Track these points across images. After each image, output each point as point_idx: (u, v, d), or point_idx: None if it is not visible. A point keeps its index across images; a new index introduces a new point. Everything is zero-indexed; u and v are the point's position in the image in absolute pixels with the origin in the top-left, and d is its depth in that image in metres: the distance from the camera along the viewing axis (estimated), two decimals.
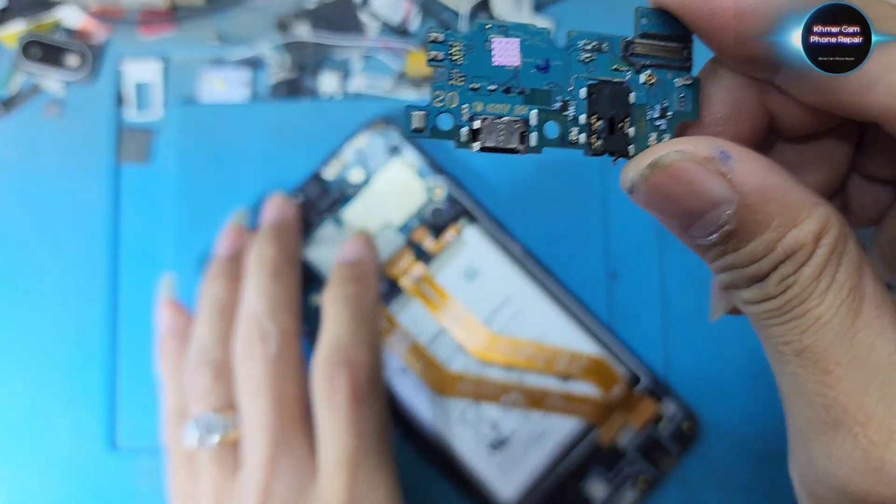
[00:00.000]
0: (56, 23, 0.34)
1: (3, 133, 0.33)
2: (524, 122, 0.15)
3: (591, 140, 0.16)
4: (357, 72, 0.34)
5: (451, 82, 0.15)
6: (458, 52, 0.15)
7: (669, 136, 0.16)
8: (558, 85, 0.15)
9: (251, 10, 0.34)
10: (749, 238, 0.14)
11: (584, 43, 0.16)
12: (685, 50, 0.16)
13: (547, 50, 0.15)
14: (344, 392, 0.26)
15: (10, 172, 0.33)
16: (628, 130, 0.16)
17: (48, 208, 0.33)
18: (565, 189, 0.34)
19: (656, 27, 0.16)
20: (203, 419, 0.27)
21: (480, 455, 0.31)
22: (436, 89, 0.15)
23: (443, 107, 0.15)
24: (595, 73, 0.15)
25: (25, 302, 0.32)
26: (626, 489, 0.32)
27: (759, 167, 0.14)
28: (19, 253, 0.33)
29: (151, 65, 0.34)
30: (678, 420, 0.32)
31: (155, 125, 0.34)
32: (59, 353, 0.32)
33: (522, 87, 0.15)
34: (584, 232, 0.33)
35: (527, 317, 0.32)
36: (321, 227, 0.33)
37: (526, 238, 0.33)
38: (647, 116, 0.16)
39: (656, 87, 0.16)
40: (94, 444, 0.31)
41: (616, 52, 0.16)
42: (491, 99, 0.15)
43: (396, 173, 0.33)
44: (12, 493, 0.31)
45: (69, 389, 0.32)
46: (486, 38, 0.15)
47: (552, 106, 0.15)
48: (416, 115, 0.15)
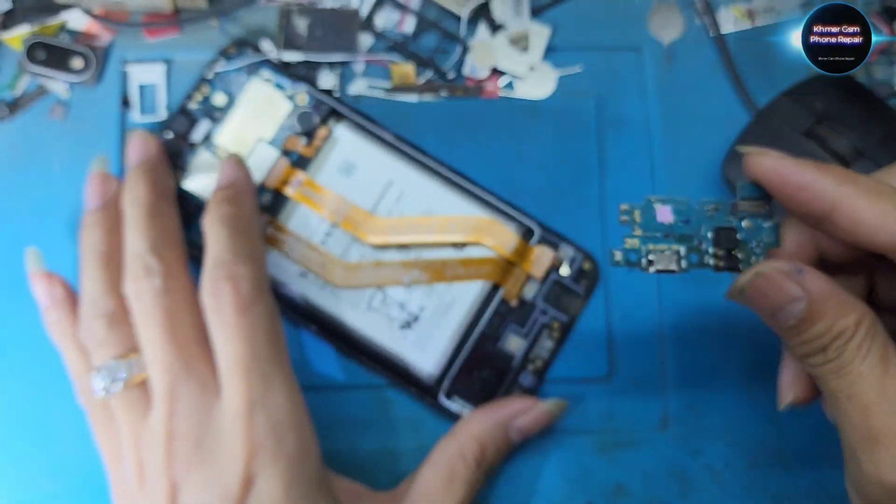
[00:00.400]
0: (61, 25, 0.34)
1: (8, 134, 0.34)
2: (678, 254, 0.25)
3: (717, 262, 0.25)
4: (358, 76, 0.35)
5: (635, 233, 0.25)
6: (638, 215, 0.25)
7: (763, 259, 0.25)
8: (695, 231, 0.25)
9: (254, 11, 0.35)
10: (815, 322, 0.22)
11: (709, 206, 0.25)
12: (768, 206, 0.25)
13: (687, 210, 0.25)
14: (229, 304, 0.27)
15: (16, 173, 0.33)
16: (738, 255, 0.25)
17: (53, 209, 0.33)
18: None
19: (749, 192, 0.25)
20: (104, 368, 0.28)
21: (396, 337, 0.32)
22: (626, 237, 0.25)
23: (631, 248, 0.25)
24: (716, 222, 0.25)
25: (29, 302, 0.32)
26: (543, 339, 0.33)
27: (820, 277, 0.23)
28: (24, 253, 0.32)
29: (155, 67, 0.34)
30: (578, 262, 0.33)
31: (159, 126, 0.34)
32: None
33: (675, 233, 0.25)
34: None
35: (411, 196, 0.33)
36: (195, 156, 0.33)
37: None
38: (749, 246, 0.25)
39: (752, 229, 0.25)
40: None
41: (727, 209, 0.25)
42: (657, 241, 0.25)
43: (257, 90, 0.34)
44: (14, 491, 0.31)
45: (71, 389, 0.31)
46: (652, 205, 0.25)
47: (693, 243, 0.25)
48: (615, 252, 0.25)
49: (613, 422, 0.33)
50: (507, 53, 0.35)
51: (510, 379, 0.32)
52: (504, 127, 0.35)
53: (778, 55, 0.36)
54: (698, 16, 0.36)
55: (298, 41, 0.34)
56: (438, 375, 0.32)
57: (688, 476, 0.33)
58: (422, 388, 0.32)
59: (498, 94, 0.35)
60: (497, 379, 0.32)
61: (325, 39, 0.34)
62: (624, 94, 0.35)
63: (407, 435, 0.32)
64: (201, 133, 0.33)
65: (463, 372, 0.32)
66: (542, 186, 0.34)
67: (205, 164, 0.33)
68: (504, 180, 0.34)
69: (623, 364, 0.33)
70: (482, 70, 0.35)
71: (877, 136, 0.32)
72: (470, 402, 0.32)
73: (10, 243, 0.33)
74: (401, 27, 0.35)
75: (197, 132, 0.33)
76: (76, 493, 0.31)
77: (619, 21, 0.36)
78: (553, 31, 0.35)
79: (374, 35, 0.35)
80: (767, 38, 0.36)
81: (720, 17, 0.36)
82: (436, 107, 0.35)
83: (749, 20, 0.36)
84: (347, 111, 0.33)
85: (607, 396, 0.33)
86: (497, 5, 0.35)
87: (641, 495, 0.32)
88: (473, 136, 0.34)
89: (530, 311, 0.33)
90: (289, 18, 0.34)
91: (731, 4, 0.37)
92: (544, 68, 0.35)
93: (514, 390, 0.32)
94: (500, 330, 0.32)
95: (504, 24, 0.35)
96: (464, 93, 0.35)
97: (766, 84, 0.35)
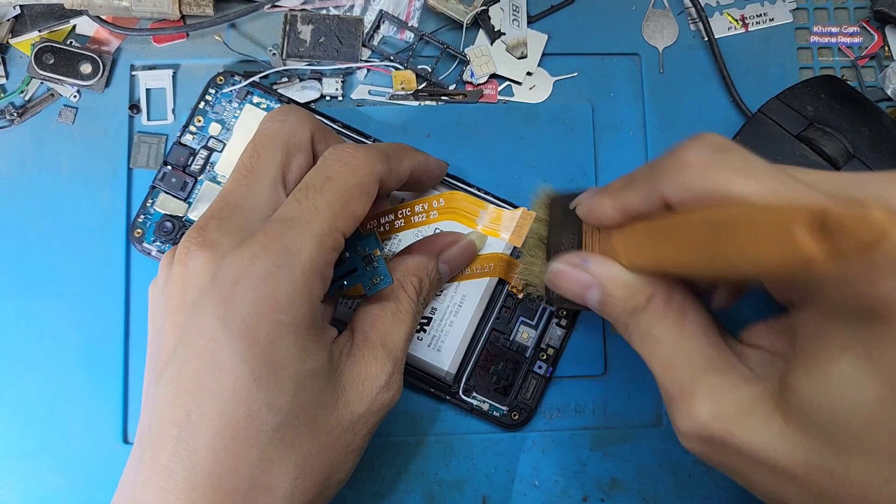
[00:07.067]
0: (70, 31, 0.35)
1: (18, 138, 0.34)
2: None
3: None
4: (359, 81, 0.36)
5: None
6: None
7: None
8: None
9: (259, 18, 0.36)
10: (610, 303, 0.26)
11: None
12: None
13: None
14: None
15: (27, 176, 0.34)
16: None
17: (63, 211, 0.34)
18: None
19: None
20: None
21: (412, 342, 0.33)
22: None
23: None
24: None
25: (41, 302, 0.33)
26: (552, 328, 0.34)
27: (605, 263, 0.26)
28: (35, 254, 0.34)
29: (163, 72, 0.35)
30: None
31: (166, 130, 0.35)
32: (74, 352, 0.33)
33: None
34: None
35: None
36: (199, 186, 0.34)
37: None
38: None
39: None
40: (107, 438, 0.33)
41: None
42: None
43: (250, 116, 0.34)
44: (28, 486, 0.32)
45: (84, 386, 0.33)
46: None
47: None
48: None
49: (609, 417, 0.34)
50: (505, 60, 0.36)
51: (525, 369, 0.33)
52: (503, 131, 0.36)
53: (770, 60, 0.37)
54: (692, 22, 0.37)
55: (302, 48, 0.35)
56: (456, 374, 0.33)
57: (681, 470, 0.33)
58: (441, 388, 0.33)
59: (496, 98, 0.36)
60: (512, 370, 0.33)
61: (328, 46, 0.35)
62: (619, 99, 0.36)
63: (428, 428, 0.33)
64: (200, 163, 0.34)
65: (479, 368, 0.33)
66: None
67: (209, 194, 0.34)
68: (503, 182, 0.35)
69: (618, 361, 0.34)
70: (481, 76, 0.36)
71: (867, 138, 0.33)
72: (488, 396, 0.33)
73: (19, 245, 0.34)
74: (402, 35, 0.36)
75: (196, 163, 0.34)
76: (82, 486, 0.32)
77: (614, 27, 0.37)
78: (550, 38, 0.36)
79: (377, 42, 0.36)
80: (760, 44, 0.37)
81: (713, 23, 0.37)
82: (436, 111, 0.36)
83: (742, 26, 0.37)
84: (339, 126, 0.34)
85: (603, 393, 0.34)
86: (496, 16, 0.36)
87: (636, 489, 0.33)
88: (472, 139, 0.35)
89: (537, 301, 0.33)
90: (293, 25, 0.35)
91: (724, 10, 0.37)
92: (541, 74, 0.36)
93: (530, 380, 0.33)
94: (511, 323, 0.33)
95: (502, 31, 0.36)
96: (463, 98, 0.36)
97: (759, 88, 0.36)
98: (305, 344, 0.24)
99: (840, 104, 0.34)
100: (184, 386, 0.23)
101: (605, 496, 0.33)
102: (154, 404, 0.24)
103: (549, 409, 0.34)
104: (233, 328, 0.23)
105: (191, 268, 0.25)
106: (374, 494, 0.33)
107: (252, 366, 0.23)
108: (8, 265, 0.34)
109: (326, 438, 0.25)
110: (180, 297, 0.25)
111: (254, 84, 0.34)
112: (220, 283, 0.24)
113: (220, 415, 0.23)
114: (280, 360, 0.23)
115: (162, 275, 0.27)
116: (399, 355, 0.27)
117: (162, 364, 0.24)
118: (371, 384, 0.26)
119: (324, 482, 0.25)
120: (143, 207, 0.34)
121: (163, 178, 0.34)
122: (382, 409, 0.26)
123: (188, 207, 0.34)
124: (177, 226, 0.33)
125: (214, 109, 0.34)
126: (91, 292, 0.34)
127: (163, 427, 0.23)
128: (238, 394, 0.23)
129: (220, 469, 0.23)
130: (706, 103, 0.36)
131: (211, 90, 0.34)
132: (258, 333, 0.23)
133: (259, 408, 0.23)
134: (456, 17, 0.35)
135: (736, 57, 0.37)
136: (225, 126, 0.34)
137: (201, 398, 0.23)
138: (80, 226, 0.34)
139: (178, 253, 0.25)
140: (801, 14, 0.38)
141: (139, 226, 0.34)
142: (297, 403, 0.24)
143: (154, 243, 0.33)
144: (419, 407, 0.33)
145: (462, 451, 0.33)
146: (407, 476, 0.33)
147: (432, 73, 0.36)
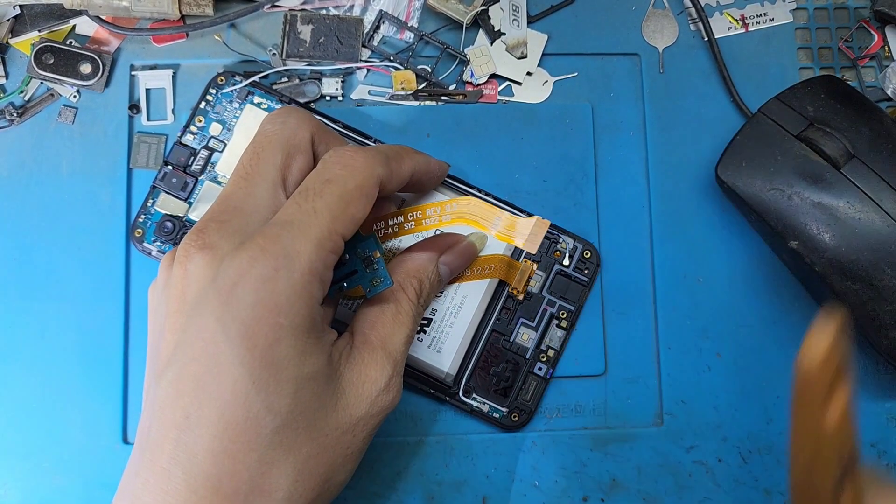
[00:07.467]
0: (70, 31, 0.35)
1: (18, 138, 0.34)
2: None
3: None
4: (359, 81, 0.36)
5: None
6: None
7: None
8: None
9: (259, 18, 0.36)
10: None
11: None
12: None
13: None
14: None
15: (26, 176, 0.34)
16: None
17: (63, 211, 0.34)
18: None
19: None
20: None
21: (414, 346, 0.33)
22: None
23: None
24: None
25: (40, 302, 0.33)
26: (553, 329, 0.34)
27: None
28: (34, 254, 0.34)
29: (162, 72, 0.35)
30: (578, 250, 0.34)
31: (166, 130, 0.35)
32: (74, 352, 0.33)
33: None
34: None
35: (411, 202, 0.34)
36: (200, 187, 0.34)
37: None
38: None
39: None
40: (107, 438, 0.33)
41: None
42: None
43: (251, 115, 0.34)
44: (28, 486, 0.32)
45: (84, 387, 0.33)
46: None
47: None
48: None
49: (609, 418, 0.34)
50: (505, 60, 0.36)
51: (525, 370, 0.33)
52: (503, 131, 0.36)
53: (770, 60, 0.37)
54: (692, 22, 0.37)
55: (301, 48, 0.35)
56: (456, 375, 0.33)
57: (681, 470, 0.33)
58: (441, 389, 0.33)
59: (496, 98, 0.36)
60: (512, 372, 0.33)
61: (328, 46, 0.35)
62: (619, 99, 0.36)
63: (428, 428, 0.34)
64: (201, 164, 0.34)
65: (479, 369, 0.33)
66: (540, 188, 0.35)
67: (209, 194, 0.34)
68: (503, 182, 0.35)
69: (618, 361, 0.34)
70: (481, 76, 0.36)
71: (867, 138, 0.33)
72: (487, 398, 0.33)
73: (19, 245, 0.34)
74: (402, 35, 0.36)
75: (197, 163, 0.34)
76: (82, 486, 0.32)
77: (614, 27, 0.37)
78: (550, 38, 0.36)
79: (377, 42, 0.36)
80: (760, 44, 0.37)
81: (713, 23, 0.37)
82: (436, 112, 0.36)
83: (742, 26, 0.37)
84: (339, 127, 0.34)
85: (603, 393, 0.34)
86: (496, 16, 0.36)
87: (636, 489, 0.33)
88: (472, 140, 0.35)
89: (538, 303, 0.34)
90: (293, 25, 0.35)
91: (724, 10, 0.37)
92: (541, 74, 0.36)
93: (530, 382, 0.33)
94: (511, 325, 0.33)
95: (502, 31, 0.36)
96: (463, 98, 0.36)
97: (759, 88, 0.36)
98: (305, 346, 0.24)
99: (840, 104, 0.34)
100: (183, 388, 0.23)
101: (605, 496, 0.33)
102: (153, 406, 0.24)
103: (549, 409, 0.34)
104: (232, 331, 0.23)
105: (190, 270, 0.25)
106: (374, 494, 0.33)
107: (251, 368, 0.23)
108: (7, 265, 0.34)
109: (326, 441, 0.25)
110: (180, 300, 0.25)
111: (255, 84, 0.34)
112: (220, 286, 0.24)
113: (220, 417, 0.23)
114: (279, 362, 0.23)
115: (161, 277, 0.27)
116: (399, 358, 0.27)
117: (161, 366, 0.24)
118: (371, 387, 0.26)
119: (323, 484, 0.25)
120: (143, 207, 0.34)
121: (163, 178, 0.34)
122: (382, 411, 0.26)
123: (189, 207, 0.34)
124: (177, 226, 0.33)
125: (215, 109, 0.34)
126: (91, 292, 0.34)
127: (162, 429, 0.23)
128: (237, 396, 0.23)
129: (219, 472, 0.23)
130: (706, 103, 0.36)
131: (212, 90, 0.34)
132: (257, 336, 0.23)
133: (258, 410, 0.23)
134: (456, 17, 0.35)
135: (736, 57, 0.37)
136: (226, 126, 0.34)
137: (200, 400, 0.23)
138: (80, 226, 0.34)
139: (177, 255, 0.25)
140: (801, 14, 0.38)
141: (140, 226, 0.34)
142: (297, 406, 0.24)
143: (154, 243, 0.33)
144: (419, 407, 0.33)
145: (462, 451, 0.33)
146: (407, 476, 0.33)
147: (432, 73, 0.36)
